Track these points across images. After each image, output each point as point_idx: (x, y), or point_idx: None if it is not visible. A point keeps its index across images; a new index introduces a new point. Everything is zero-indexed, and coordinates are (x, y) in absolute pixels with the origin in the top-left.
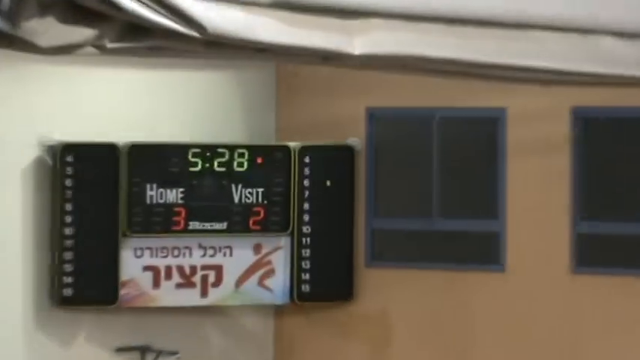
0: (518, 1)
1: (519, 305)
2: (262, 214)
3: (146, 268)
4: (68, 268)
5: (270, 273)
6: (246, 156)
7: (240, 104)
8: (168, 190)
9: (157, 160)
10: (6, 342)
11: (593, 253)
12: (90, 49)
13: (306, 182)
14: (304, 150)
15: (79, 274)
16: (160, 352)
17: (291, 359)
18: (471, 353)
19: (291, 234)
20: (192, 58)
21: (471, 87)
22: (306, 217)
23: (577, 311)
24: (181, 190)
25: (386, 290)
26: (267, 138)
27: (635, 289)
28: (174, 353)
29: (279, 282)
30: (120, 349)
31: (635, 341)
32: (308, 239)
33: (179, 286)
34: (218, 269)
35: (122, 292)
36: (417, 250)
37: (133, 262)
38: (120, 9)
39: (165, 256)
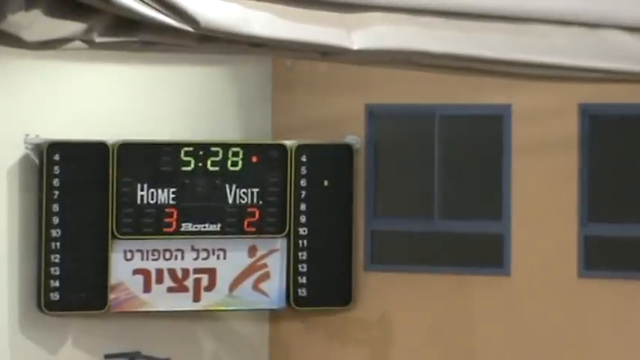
0: None
1: (525, 310)
2: (257, 216)
3: (136, 272)
4: (55, 271)
5: (266, 276)
6: (241, 155)
7: (234, 101)
8: (160, 191)
9: (147, 159)
10: None
11: (602, 257)
12: (78, 44)
13: (302, 182)
14: (301, 149)
15: (67, 277)
16: (150, 359)
17: None
18: (474, 359)
19: (288, 236)
20: (185, 52)
21: (474, 83)
22: (303, 219)
23: (584, 316)
24: (173, 190)
25: (386, 294)
26: (262, 136)
27: None
28: None
29: (275, 286)
30: (109, 356)
31: None
32: (305, 241)
33: (171, 290)
34: (211, 273)
35: (111, 296)
36: (418, 253)
37: (123, 265)
38: (109, 2)
39: (157, 259)
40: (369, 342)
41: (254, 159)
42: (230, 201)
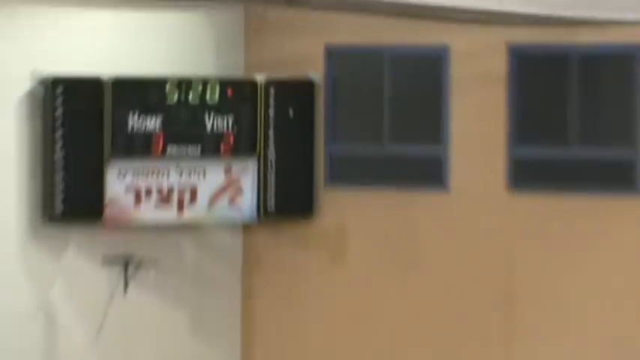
0: None
1: (462, 222)
2: (232, 140)
3: (128, 189)
4: (59, 188)
5: (239, 193)
6: (218, 89)
7: (212, 42)
8: (148, 119)
9: (137, 92)
10: (2, 254)
11: (527, 175)
12: None
13: (271, 112)
14: (269, 83)
15: (69, 193)
16: (140, 263)
17: (258, 271)
18: (418, 265)
19: (258, 158)
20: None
21: (418, 27)
22: (271, 143)
23: (513, 227)
24: (160, 118)
25: (343, 209)
26: (236, 72)
27: (563, 207)
28: (153, 264)
29: (247, 201)
30: (106, 260)
31: (563, 254)
32: (273, 163)
33: (158, 204)
34: (193, 190)
35: (107, 209)
36: (370, 173)
37: (117, 183)
38: None
39: (146, 178)
40: (328, 248)
41: (229, 92)
42: (209, 128)
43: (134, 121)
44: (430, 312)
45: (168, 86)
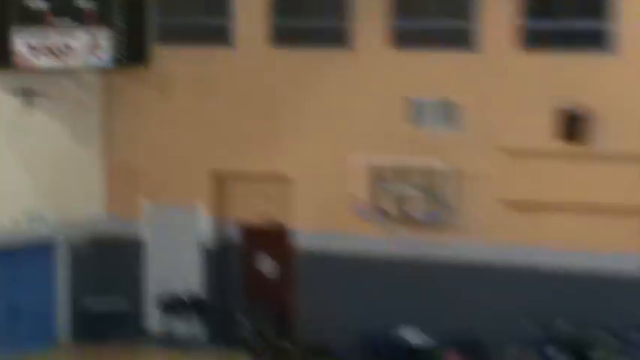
0: None
1: (242, 69)
2: (95, 15)
3: (29, 46)
4: None
5: (101, 48)
6: None
7: None
8: (41, 2)
9: None
10: None
11: (285, 36)
12: None
13: None
14: None
15: None
16: (38, 94)
17: (113, 99)
18: (216, 97)
19: (112, 26)
20: None
21: None
22: (119, 17)
23: (275, 71)
24: (47, 1)
25: (169, 60)
26: None
27: (307, 58)
28: (47, 95)
29: (106, 54)
30: (16, 92)
31: (308, 87)
32: (122, 30)
33: (49, 56)
34: (71, 47)
35: (15, 59)
36: (186, 35)
37: (22, 43)
38: None
39: (41, 39)
40: (160, 86)
41: None
42: (80, 6)
43: (31, 3)
44: (219, 129)
45: None
